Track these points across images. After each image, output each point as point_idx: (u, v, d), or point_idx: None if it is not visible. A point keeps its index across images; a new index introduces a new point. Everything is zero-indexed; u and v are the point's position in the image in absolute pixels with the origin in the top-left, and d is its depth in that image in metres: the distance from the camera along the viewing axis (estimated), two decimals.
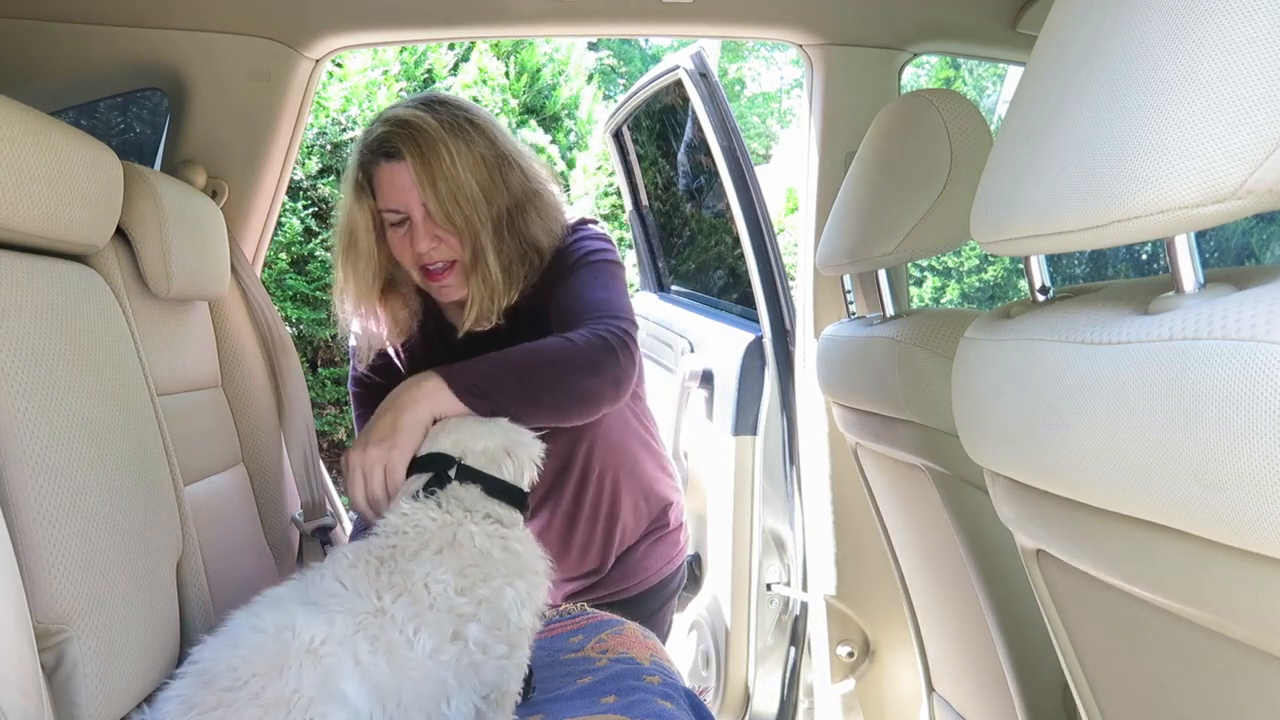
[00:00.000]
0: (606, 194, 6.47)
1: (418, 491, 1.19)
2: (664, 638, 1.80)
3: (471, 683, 1.08)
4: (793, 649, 2.23)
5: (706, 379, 2.42)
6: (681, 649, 2.43)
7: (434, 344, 1.64)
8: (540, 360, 1.32)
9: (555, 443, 1.41)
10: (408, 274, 1.55)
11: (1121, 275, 6.11)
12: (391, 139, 1.42)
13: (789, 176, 8.55)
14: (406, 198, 1.43)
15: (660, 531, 1.77)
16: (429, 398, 1.26)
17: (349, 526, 1.92)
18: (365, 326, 1.58)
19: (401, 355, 1.64)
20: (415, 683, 1.02)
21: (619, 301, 1.47)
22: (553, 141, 6.54)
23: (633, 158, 3.37)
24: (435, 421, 1.26)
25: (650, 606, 1.73)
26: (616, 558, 1.71)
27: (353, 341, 1.66)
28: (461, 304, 1.54)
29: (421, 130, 1.41)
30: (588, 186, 6.58)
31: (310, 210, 5.01)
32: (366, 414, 1.61)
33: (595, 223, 1.64)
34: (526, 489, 1.24)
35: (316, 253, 4.97)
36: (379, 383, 1.61)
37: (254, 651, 0.95)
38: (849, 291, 1.80)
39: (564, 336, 1.36)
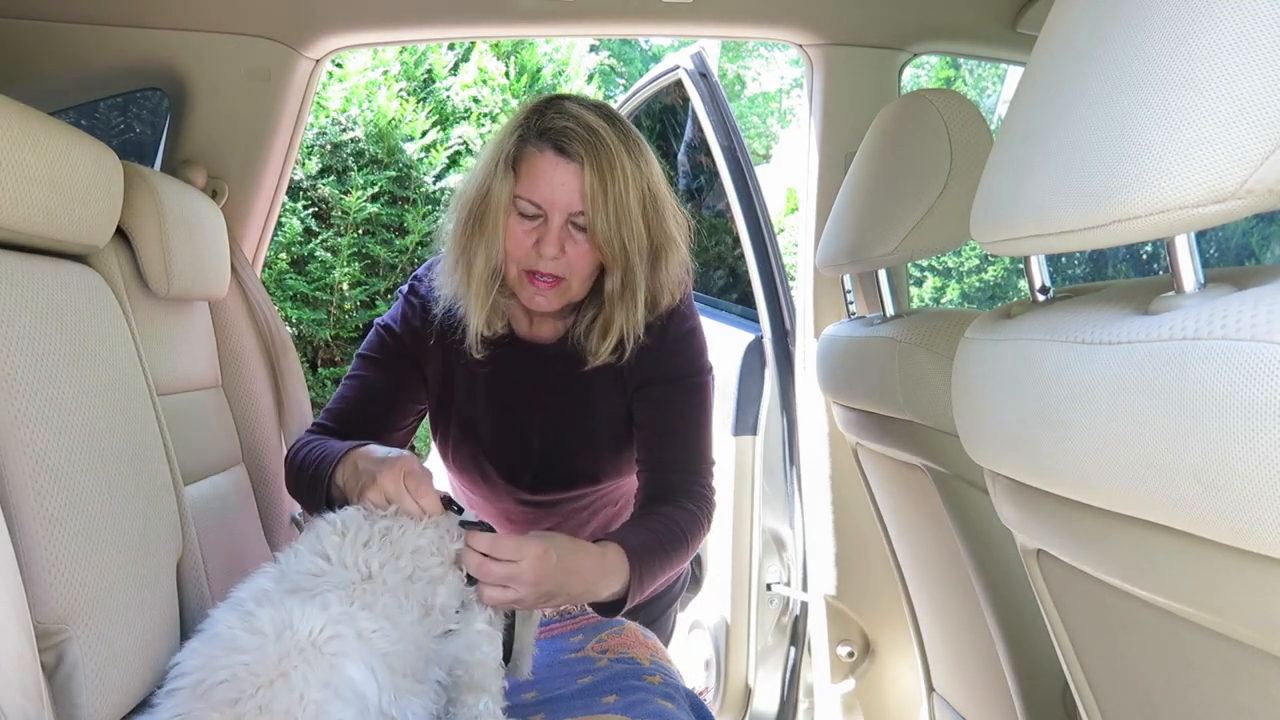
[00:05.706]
0: None
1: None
2: (667, 641, 1.79)
3: (441, 653, 1.10)
4: (793, 649, 2.23)
5: None
6: (682, 649, 2.43)
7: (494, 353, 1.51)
8: (687, 547, 1.41)
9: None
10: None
11: (1121, 275, 6.11)
12: (572, 138, 1.33)
13: (789, 176, 8.55)
14: (561, 200, 1.33)
15: None
16: (610, 577, 1.28)
17: None
18: (471, 321, 1.44)
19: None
20: (415, 647, 1.04)
21: (710, 449, 1.54)
22: None
23: None
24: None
25: (651, 614, 1.72)
26: None
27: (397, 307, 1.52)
28: (529, 315, 1.48)
29: (604, 143, 1.33)
30: None
31: (310, 210, 5.01)
32: (369, 363, 1.51)
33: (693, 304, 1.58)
34: None
35: (316, 253, 4.96)
36: (400, 352, 1.51)
37: (257, 657, 0.92)
38: (849, 291, 1.80)
39: (696, 516, 1.43)
